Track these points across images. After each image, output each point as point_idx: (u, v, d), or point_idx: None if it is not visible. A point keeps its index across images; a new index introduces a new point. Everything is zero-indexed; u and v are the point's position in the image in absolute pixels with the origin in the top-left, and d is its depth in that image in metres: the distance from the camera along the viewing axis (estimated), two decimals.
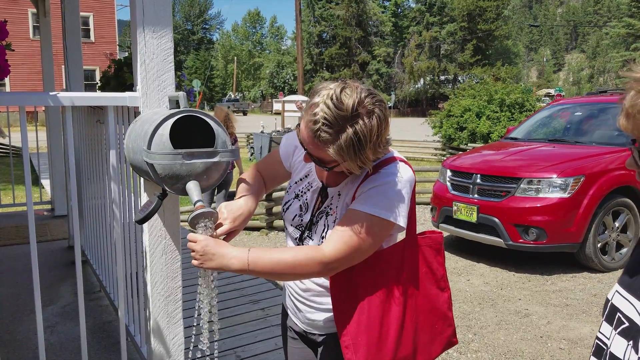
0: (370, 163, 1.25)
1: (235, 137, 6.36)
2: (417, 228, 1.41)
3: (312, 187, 1.44)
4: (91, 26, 29.53)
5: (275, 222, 7.00)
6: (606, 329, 0.96)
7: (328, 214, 1.37)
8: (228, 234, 1.35)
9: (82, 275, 1.92)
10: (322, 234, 1.37)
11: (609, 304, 0.98)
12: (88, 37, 28.93)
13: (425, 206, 7.72)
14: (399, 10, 57.60)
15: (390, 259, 1.35)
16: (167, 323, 1.83)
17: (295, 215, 1.45)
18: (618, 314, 0.94)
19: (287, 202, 1.49)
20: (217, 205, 5.49)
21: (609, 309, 0.97)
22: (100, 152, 2.63)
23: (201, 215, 1.25)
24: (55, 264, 3.87)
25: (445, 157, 11.83)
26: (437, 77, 55.16)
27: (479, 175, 5.36)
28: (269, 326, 3.05)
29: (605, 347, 0.96)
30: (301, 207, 1.44)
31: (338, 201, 1.36)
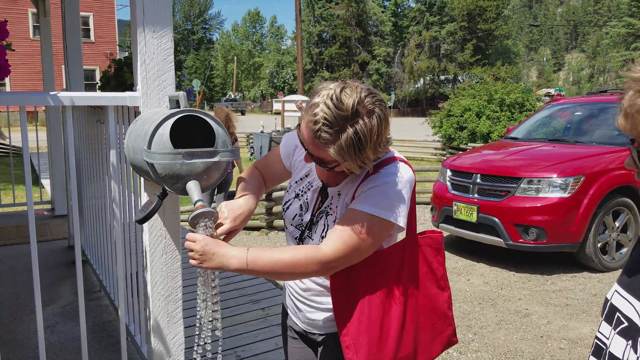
0: (371, 163, 1.25)
1: (235, 137, 6.36)
2: (417, 228, 1.41)
3: (312, 187, 1.44)
4: (91, 26, 29.55)
5: (275, 222, 7.00)
6: (605, 329, 0.97)
7: (328, 213, 1.37)
8: (228, 234, 1.35)
9: (82, 275, 1.93)
10: (322, 233, 1.37)
11: (608, 304, 0.98)
12: (88, 37, 28.96)
13: (425, 206, 7.72)
14: (399, 10, 57.56)
15: (390, 259, 1.35)
16: (168, 323, 1.83)
17: (296, 215, 1.45)
18: (617, 314, 0.94)
19: (287, 202, 1.49)
20: (217, 205, 5.49)
21: (608, 309, 0.97)
22: (100, 152, 2.64)
23: (201, 214, 1.25)
24: (56, 264, 3.87)
25: (445, 157, 11.83)
26: (437, 77, 55.13)
27: (479, 175, 5.36)
28: (269, 326, 3.05)
29: (604, 347, 0.96)
30: (301, 207, 1.44)
31: (338, 201, 1.36)
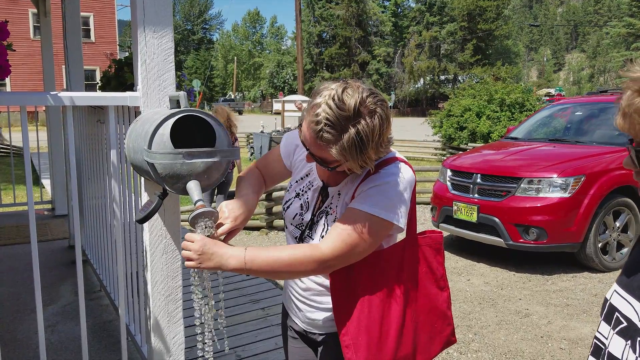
0: (373, 162, 1.25)
1: (235, 137, 6.37)
2: (417, 228, 1.41)
3: (312, 186, 1.44)
4: (91, 26, 29.57)
5: (275, 222, 7.00)
6: (604, 329, 0.97)
7: (328, 213, 1.37)
8: (229, 233, 1.35)
9: (83, 274, 1.93)
10: (322, 233, 1.37)
11: (607, 304, 0.98)
12: (88, 37, 28.97)
13: (425, 206, 7.72)
14: (399, 10, 57.53)
15: (390, 259, 1.35)
16: (168, 322, 1.83)
17: (296, 214, 1.45)
18: (616, 314, 0.94)
19: (287, 201, 1.49)
20: (218, 205, 5.49)
21: (607, 309, 0.97)
22: (100, 152, 2.64)
23: (202, 214, 1.25)
24: (56, 264, 3.87)
25: (445, 157, 11.83)
26: (437, 77, 55.10)
27: (479, 175, 5.36)
28: (269, 326, 3.05)
29: (603, 347, 0.96)
30: (302, 206, 1.44)
31: (338, 200, 1.36)
